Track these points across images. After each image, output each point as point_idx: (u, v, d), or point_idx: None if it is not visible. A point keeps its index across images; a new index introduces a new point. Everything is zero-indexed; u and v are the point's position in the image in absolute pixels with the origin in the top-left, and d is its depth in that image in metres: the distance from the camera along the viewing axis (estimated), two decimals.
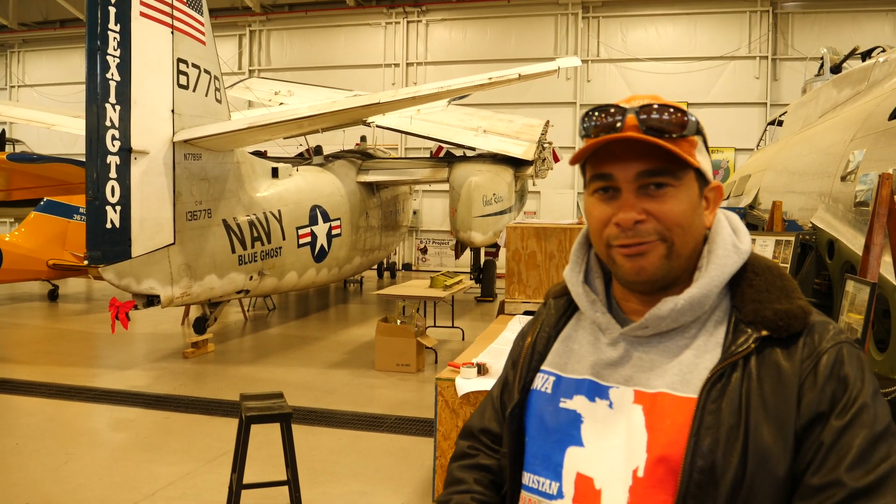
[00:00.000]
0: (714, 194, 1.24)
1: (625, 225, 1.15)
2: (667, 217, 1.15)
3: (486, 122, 13.75)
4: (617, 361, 1.22)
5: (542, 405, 1.28)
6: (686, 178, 1.17)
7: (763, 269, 1.21)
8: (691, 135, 1.18)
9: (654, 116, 1.15)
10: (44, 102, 22.77)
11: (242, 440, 4.05)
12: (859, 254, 4.71)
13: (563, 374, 1.28)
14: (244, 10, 22.41)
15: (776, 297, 1.16)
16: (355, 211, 11.31)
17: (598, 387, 1.22)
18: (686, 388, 1.13)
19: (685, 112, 1.16)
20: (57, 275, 12.68)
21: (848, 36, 17.28)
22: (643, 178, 1.15)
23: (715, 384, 1.10)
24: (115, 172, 6.86)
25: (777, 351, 1.12)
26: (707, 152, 1.24)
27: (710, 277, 1.17)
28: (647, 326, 1.19)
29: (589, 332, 1.30)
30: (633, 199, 1.15)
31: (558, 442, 1.22)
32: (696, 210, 1.19)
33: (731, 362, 1.12)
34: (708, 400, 1.10)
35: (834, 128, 6.56)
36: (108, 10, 6.73)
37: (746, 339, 1.13)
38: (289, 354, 9.40)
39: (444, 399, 4.12)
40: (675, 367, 1.16)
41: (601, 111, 1.19)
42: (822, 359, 1.10)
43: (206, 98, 7.97)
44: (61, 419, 6.46)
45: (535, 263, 6.36)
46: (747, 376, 1.10)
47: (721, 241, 1.21)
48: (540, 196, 19.73)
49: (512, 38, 20.66)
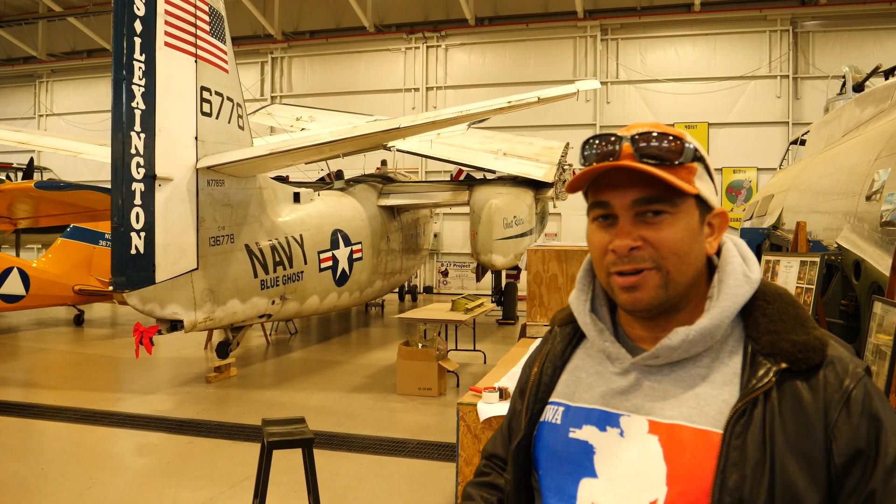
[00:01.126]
0: (719, 220, 1.23)
1: (620, 252, 1.16)
2: (663, 244, 1.14)
3: (505, 145, 13.78)
4: (627, 390, 1.21)
5: (552, 437, 1.28)
6: (684, 206, 1.16)
7: (774, 297, 1.19)
8: (689, 161, 1.17)
9: (650, 144, 1.15)
10: (71, 131, 23.24)
11: (264, 466, 4.05)
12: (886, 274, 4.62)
13: (571, 403, 1.28)
14: (266, 37, 22.80)
15: (791, 326, 1.15)
16: (376, 235, 11.34)
17: (609, 415, 1.21)
18: (704, 420, 1.12)
19: (682, 139, 1.16)
20: (82, 300, 12.84)
21: (870, 54, 17.15)
22: (639, 206, 1.15)
23: (738, 420, 1.09)
24: (140, 199, 6.96)
25: (797, 384, 1.11)
26: (710, 178, 1.23)
27: (721, 308, 1.16)
28: (658, 356, 1.19)
29: (597, 360, 1.30)
30: (629, 227, 1.16)
31: (571, 473, 1.22)
32: (696, 237, 1.18)
33: (753, 398, 1.10)
34: (732, 436, 1.08)
35: (858, 147, 6.48)
36: (133, 41, 6.87)
37: (766, 373, 1.12)
38: (310, 378, 9.40)
39: (466, 424, 4.09)
40: (690, 398, 1.15)
41: (599, 139, 1.20)
42: (853, 395, 1.10)
43: (228, 125, 8.08)
44: (86, 444, 6.50)
45: (556, 286, 6.33)
46: (770, 411, 1.09)
47: (731, 271, 1.20)
48: (560, 218, 19.68)
49: (531, 61, 20.77)
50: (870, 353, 3.87)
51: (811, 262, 5.20)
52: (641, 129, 1.18)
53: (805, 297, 5.13)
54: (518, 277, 15.28)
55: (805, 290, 5.16)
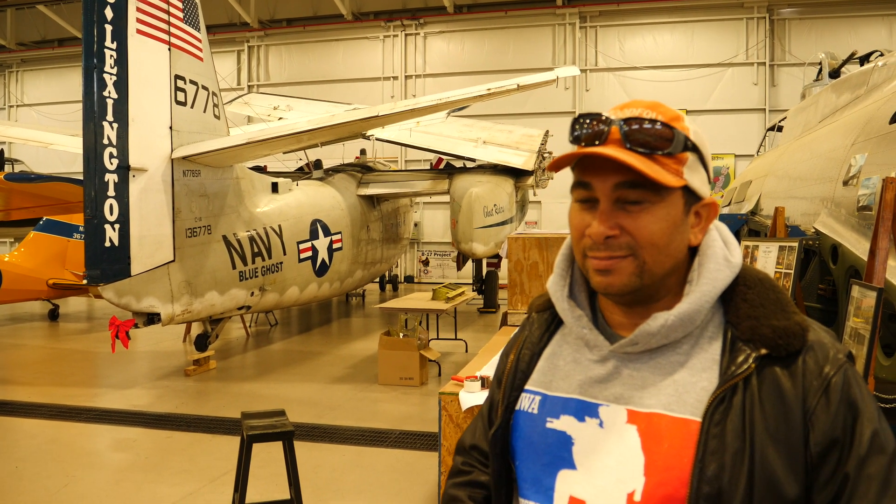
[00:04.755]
0: (707, 210, 1.18)
1: (596, 239, 1.12)
2: (640, 235, 1.10)
3: (485, 133, 13.74)
4: (606, 378, 1.18)
5: (528, 426, 1.24)
6: (668, 195, 1.11)
7: (755, 282, 1.16)
8: (679, 151, 1.12)
9: (637, 130, 1.10)
10: (42, 122, 22.84)
11: (244, 459, 4.00)
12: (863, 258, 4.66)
13: (548, 392, 1.24)
14: (242, 25, 22.52)
15: (772, 312, 1.12)
16: (356, 224, 11.27)
17: (587, 405, 1.18)
18: (683, 408, 1.10)
19: (673, 128, 1.11)
20: (57, 294, 12.65)
21: (845, 41, 17.30)
22: (621, 190, 1.10)
23: (717, 407, 1.07)
24: (114, 190, 6.84)
25: (777, 370, 1.08)
26: (704, 168, 1.18)
27: (701, 293, 1.13)
28: (636, 343, 1.15)
29: (574, 347, 1.26)
30: (609, 212, 1.11)
31: (549, 465, 1.19)
32: (678, 228, 1.13)
33: (732, 384, 1.08)
34: (711, 424, 1.06)
35: (834, 132, 6.53)
36: (104, 28, 6.73)
37: (746, 359, 1.09)
38: (291, 370, 9.34)
39: (448, 413, 4.07)
40: (669, 386, 1.12)
41: (590, 119, 1.15)
42: (832, 382, 1.07)
43: (204, 114, 7.96)
44: (62, 441, 6.40)
45: (537, 274, 6.32)
46: (749, 398, 1.07)
47: (712, 255, 1.16)
48: (541, 206, 19.71)
49: (510, 49, 20.72)
50: (848, 337, 3.90)
51: (789, 247, 5.23)
52: (635, 110, 1.13)
53: (784, 281, 5.16)
54: (499, 266, 15.31)
55: (783, 274, 5.19)
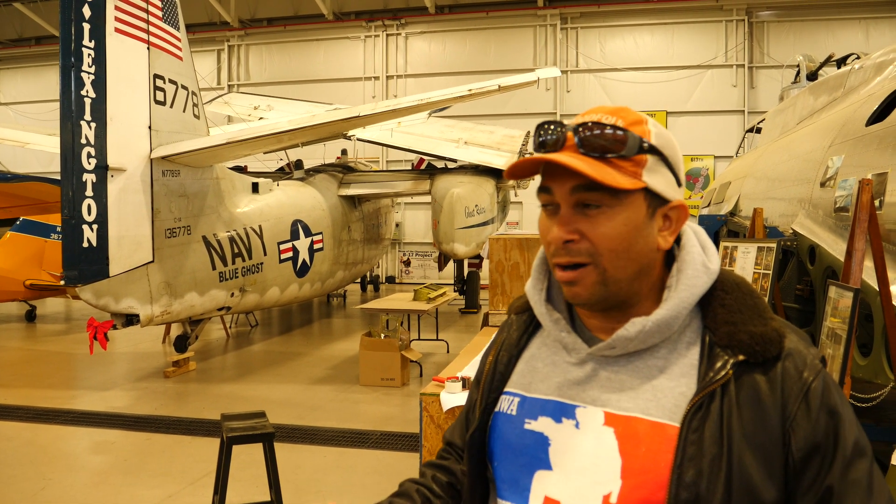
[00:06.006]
0: (676, 213, 1.18)
1: (555, 244, 1.13)
2: (598, 239, 1.11)
3: (466, 134, 13.74)
4: (584, 381, 1.19)
5: (506, 428, 1.25)
6: (627, 199, 1.11)
7: (732, 287, 1.17)
8: (634, 154, 1.11)
9: (592, 134, 1.11)
10: (20, 120, 22.50)
11: (224, 462, 3.97)
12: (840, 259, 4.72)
13: (527, 394, 1.25)
14: (222, 24, 22.34)
15: (749, 317, 1.13)
16: (337, 225, 11.24)
17: (564, 406, 1.18)
18: (661, 412, 1.10)
19: (626, 130, 1.11)
20: (35, 295, 12.48)
21: (822, 44, 17.51)
22: (578, 193, 1.11)
23: (695, 414, 1.07)
24: (92, 190, 6.76)
25: (755, 377, 1.09)
26: (670, 169, 1.17)
27: (679, 299, 1.14)
28: (614, 347, 1.16)
29: (553, 350, 1.27)
30: (568, 216, 1.13)
31: (526, 466, 1.19)
32: (640, 231, 1.13)
33: (710, 391, 1.08)
34: (689, 430, 1.06)
35: (812, 134, 6.61)
36: (82, 27, 6.65)
37: (724, 365, 1.09)
38: (272, 371, 9.29)
39: (430, 415, 4.06)
40: (647, 390, 1.13)
41: (548, 126, 1.17)
42: (811, 388, 1.08)
43: (183, 114, 7.90)
44: (39, 443, 6.31)
45: (518, 274, 6.33)
46: (727, 404, 1.07)
47: (691, 261, 1.17)
48: (522, 207, 19.74)
49: (491, 50, 20.74)
50: (825, 337, 3.95)
51: (768, 247, 5.29)
52: (595, 115, 1.14)
53: (762, 282, 5.21)
54: (480, 266, 15.33)
55: (762, 275, 5.24)
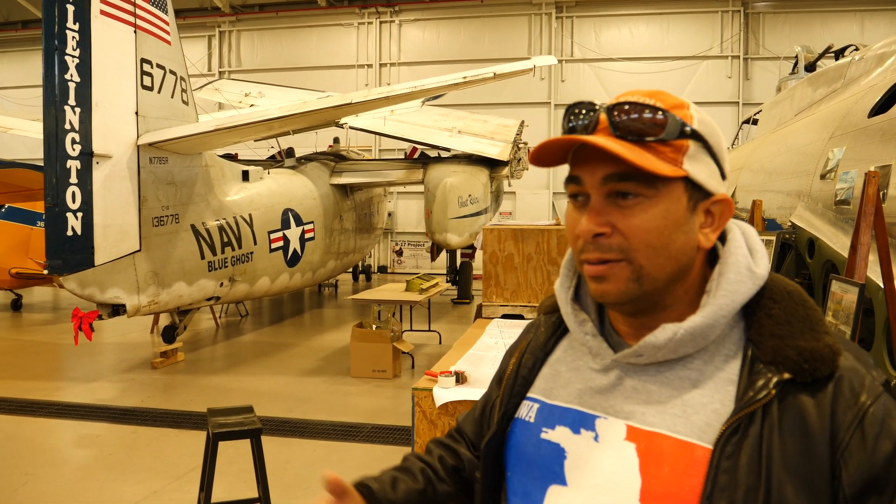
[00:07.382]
0: (720, 208, 1.05)
1: (584, 237, 1.01)
2: (633, 234, 0.99)
3: (460, 123, 13.63)
4: (607, 389, 1.08)
5: (523, 436, 1.15)
6: (665, 189, 0.99)
7: (782, 295, 1.03)
8: (674, 138, 0.99)
9: (626, 117, 0.99)
10: (5, 105, 22.19)
11: (210, 458, 3.86)
12: (840, 252, 4.64)
13: (547, 400, 1.15)
14: (213, 10, 22.03)
15: (798, 330, 0.99)
16: (329, 214, 11.10)
17: (584, 416, 1.08)
18: (689, 431, 0.98)
19: (666, 112, 0.99)
20: (20, 284, 12.30)
21: (818, 35, 17.43)
22: (611, 183, 0.99)
23: (730, 437, 0.94)
24: (76, 177, 6.60)
25: (801, 398, 0.95)
26: (713, 158, 1.04)
27: (717, 306, 1.01)
28: (640, 354, 1.04)
29: (578, 354, 1.16)
30: (599, 207, 1.00)
31: (539, 478, 1.10)
32: (679, 227, 1.01)
33: (749, 412, 0.95)
34: (722, 456, 0.94)
35: (811, 126, 6.52)
36: (65, 9, 6.47)
37: (766, 384, 0.96)
38: (262, 362, 9.16)
39: (422, 410, 3.95)
40: (676, 405, 1.01)
41: (578, 109, 1.05)
42: (868, 413, 0.94)
43: (171, 100, 7.73)
44: (21, 437, 6.18)
45: (512, 266, 6.22)
46: (768, 428, 0.94)
47: (734, 263, 1.03)
48: (515, 197, 19.66)
49: (486, 38, 20.56)
50: None
51: (767, 240, 5.20)
52: (631, 97, 1.02)
53: None
54: (473, 256, 15.22)
55: None
